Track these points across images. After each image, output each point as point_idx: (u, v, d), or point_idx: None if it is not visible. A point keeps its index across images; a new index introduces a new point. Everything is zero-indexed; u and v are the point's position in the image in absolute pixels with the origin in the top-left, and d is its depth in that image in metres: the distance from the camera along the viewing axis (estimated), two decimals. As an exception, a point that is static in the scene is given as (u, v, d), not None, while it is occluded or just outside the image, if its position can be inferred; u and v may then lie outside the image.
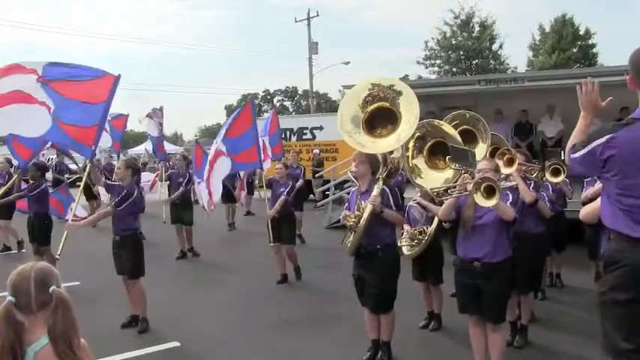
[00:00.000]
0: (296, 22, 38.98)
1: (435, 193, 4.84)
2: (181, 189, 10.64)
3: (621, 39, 59.74)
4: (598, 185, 5.08)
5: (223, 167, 8.91)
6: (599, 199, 3.20)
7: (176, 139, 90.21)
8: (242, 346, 5.95)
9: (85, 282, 8.01)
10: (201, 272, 9.56)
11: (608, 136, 2.87)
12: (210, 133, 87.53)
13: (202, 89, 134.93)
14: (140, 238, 6.72)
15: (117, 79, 6.19)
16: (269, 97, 66.30)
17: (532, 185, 5.57)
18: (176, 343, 5.93)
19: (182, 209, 10.67)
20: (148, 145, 22.17)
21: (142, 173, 13.22)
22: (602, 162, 2.90)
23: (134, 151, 43.61)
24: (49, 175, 12.69)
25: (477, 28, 37.49)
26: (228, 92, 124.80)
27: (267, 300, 7.68)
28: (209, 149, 9.75)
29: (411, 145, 4.88)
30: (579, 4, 71.54)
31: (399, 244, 5.72)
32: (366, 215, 4.82)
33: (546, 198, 5.87)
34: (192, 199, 11.12)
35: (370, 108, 4.85)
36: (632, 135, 2.84)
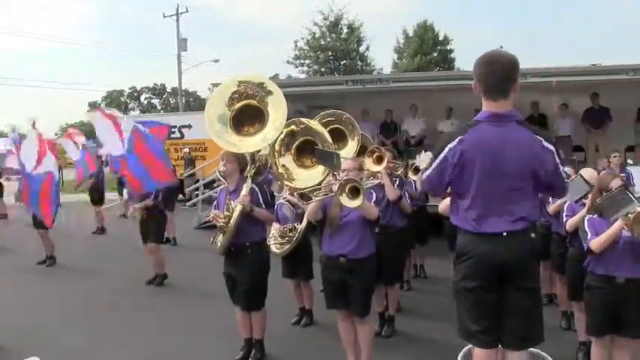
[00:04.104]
0: (164, 17, 37.82)
1: (301, 194, 4.87)
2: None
3: (473, 45, 65.25)
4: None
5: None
6: None
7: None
8: (107, 353, 5.68)
9: None
10: (62, 280, 8.99)
11: (458, 138, 3.09)
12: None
13: (64, 85, 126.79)
14: None
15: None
16: (136, 94, 63.47)
17: (397, 182, 5.80)
18: (35, 359, 5.52)
19: None
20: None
21: None
22: (453, 166, 3.08)
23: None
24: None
25: (345, 30, 38.39)
26: (92, 89, 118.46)
27: (135, 304, 7.40)
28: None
29: (278, 144, 4.86)
30: (438, 13, 76.18)
31: (268, 243, 5.72)
32: (236, 215, 4.77)
33: (407, 194, 6.12)
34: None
35: (237, 105, 4.79)
36: (477, 136, 3.06)
